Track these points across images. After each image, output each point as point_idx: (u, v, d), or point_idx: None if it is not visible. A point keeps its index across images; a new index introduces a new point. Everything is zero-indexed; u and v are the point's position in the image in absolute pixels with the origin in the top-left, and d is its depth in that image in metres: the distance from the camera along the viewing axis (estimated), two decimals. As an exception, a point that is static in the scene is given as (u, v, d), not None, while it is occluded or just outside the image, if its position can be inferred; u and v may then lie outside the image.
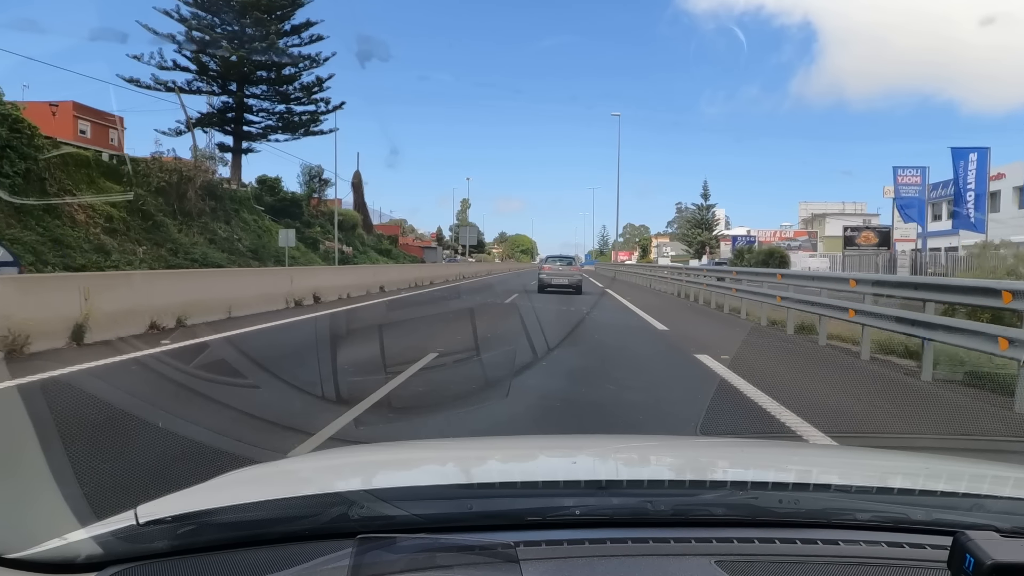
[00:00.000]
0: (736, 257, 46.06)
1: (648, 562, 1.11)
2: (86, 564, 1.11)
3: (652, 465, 1.80)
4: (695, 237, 71.91)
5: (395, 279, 25.28)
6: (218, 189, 31.25)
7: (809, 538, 1.18)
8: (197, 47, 36.86)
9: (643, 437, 3.55)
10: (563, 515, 1.25)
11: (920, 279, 9.57)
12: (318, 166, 50.54)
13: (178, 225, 25.98)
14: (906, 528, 1.23)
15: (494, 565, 1.06)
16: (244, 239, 31.14)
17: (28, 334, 7.63)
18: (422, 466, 1.78)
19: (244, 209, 34.53)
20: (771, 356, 9.13)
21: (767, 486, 1.40)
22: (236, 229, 31.29)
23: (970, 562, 0.89)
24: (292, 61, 40.09)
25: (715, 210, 74.62)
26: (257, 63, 38.55)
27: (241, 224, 32.55)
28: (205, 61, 37.76)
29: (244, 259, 28.50)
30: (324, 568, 1.06)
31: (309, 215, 44.68)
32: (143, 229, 23.26)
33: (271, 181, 42.35)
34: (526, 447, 2.15)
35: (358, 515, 1.18)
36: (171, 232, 24.85)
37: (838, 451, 2.46)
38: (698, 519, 1.26)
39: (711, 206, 73.97)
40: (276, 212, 39.63)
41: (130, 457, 4.01)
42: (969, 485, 1.48)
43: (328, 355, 8.60)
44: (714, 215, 74.17)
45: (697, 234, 71.47)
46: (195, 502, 1.29)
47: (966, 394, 6.75)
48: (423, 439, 3.79)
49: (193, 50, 37.04)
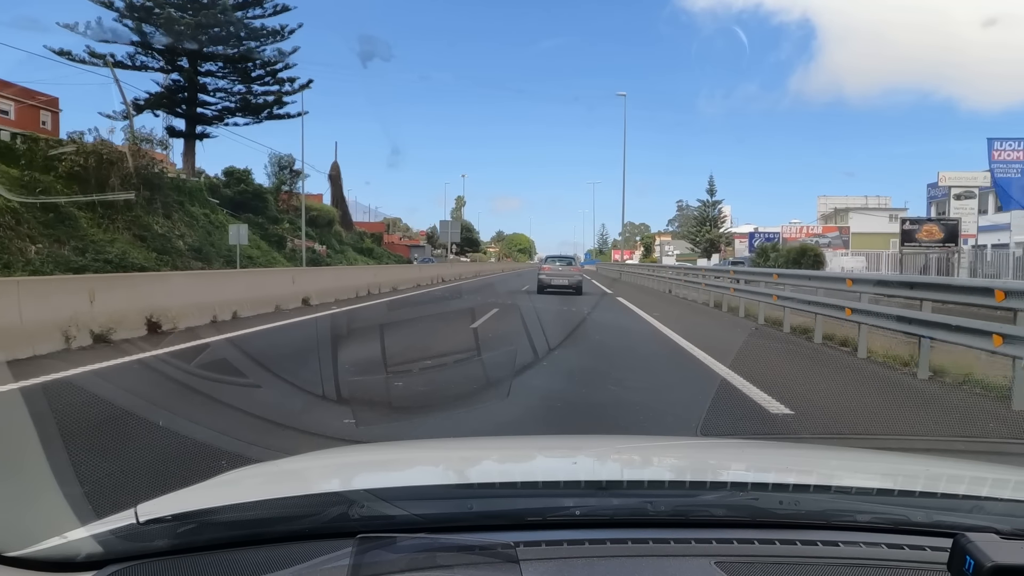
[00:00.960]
0: (759, 256, 40.49)
1: (648, 563, 1.11)
2: (86, 562, 1.11)
3: (652, 466, 1.80)
4: (703, 235, 67.94)
5: (345, 285, 19.26)
6: (157, 178, 26.55)
7: (809, 539, 1.18)
8: (139, 15, 31.78)
9: (643, 438, 3.55)
10: (563, 515, 1.26)
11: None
12: (288, 155, 44.51)
13: (96, 219, 21.64)
14: (906, 530, 1.23)
15: (494, 565, 1.06)
16: (188, 236, 26.94)
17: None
18: (422, 466, 1.78)
19: (195, 202, 30.44)
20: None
21: (767, 487, 1.40)
22: (179, 225, 27.09)
23: (970, 564, 0.89)
24: (252, 34, 35.14)
25: (721, 207, 70.51)
26: (212, 36, 33.70)
27: (186, 219, 28.24)
28: (149, 32, 32.48)
29: (183, 259, 24.45)
30: (324, 568, 1.06)
31: (277, 210, 40.60)
32: (42, 223, 19.04)
33: (240, 173, 38.27)
34: (526, 447, 2.15)
35: (358, 515, 1.18)
36: (81, 227, 20.51)
37: (839, 452, 2.46)
38: (698, 520, 1.26)
39: (717, 202, 69.94)
40: (237, 206, 35.21)
41: (130, 456, 4.01)
42: (969, 487, 1.48)
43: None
44: (720, 212, 70.26)
45: (704, 232, 67.87)
46: (195, 501, 1.30)
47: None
48: (423, 439, 3.79)
49: (136, 18, 31.87)
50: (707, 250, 65.90)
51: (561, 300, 19.34)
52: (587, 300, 20.02)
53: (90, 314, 8.80)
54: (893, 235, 38.41)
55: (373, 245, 54.65)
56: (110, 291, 9.50)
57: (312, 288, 16.61)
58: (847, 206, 57.67)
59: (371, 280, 22.09)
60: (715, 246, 65.56)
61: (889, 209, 56.08)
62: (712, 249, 65.22)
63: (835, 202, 60.21)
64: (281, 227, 38.63)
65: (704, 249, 66.60)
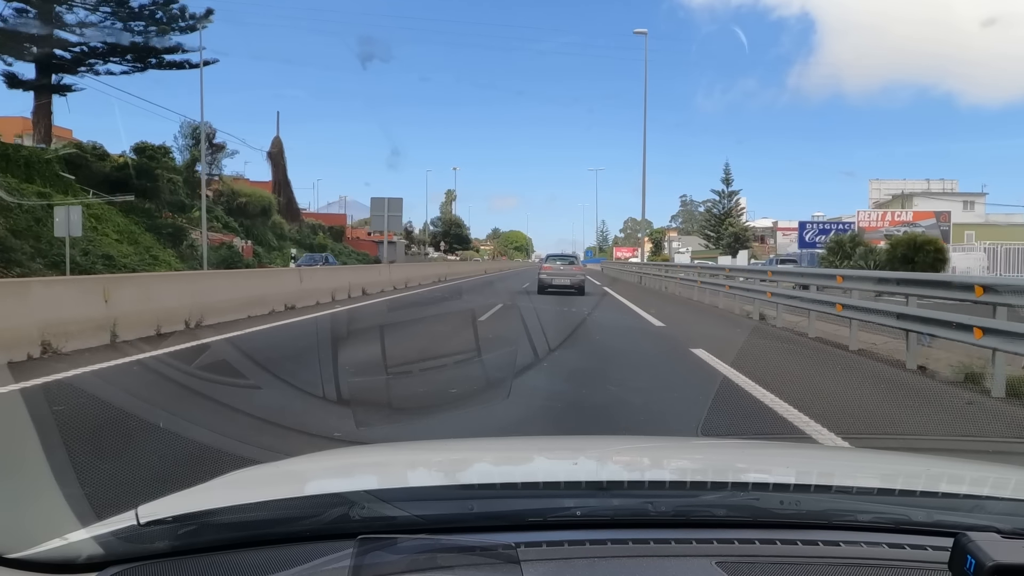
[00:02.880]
0: (832, 254, 29.29)
1: (649, 563, 1.11)
2: (87, 564, 1.11)
3: (653, 466, 1.80)
4: (725, 228, 59.61)
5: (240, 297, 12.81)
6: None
7: (810, 539, 1.18)
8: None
9: (644, 438, 3.55)
10: (564, 516, 1.26)
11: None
12: (207, 124, 34.38)
13: None
14: (907, 529, 1.23)
15: (495, 566, 1.06)
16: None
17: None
18: (423, 467, 1.78)
19: (37, 177, 23.42)
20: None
21: (768, 487, 1.41)
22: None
23: (971, 563, 0.89)
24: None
25: (738, 198, 62.80)
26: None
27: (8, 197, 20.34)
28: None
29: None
30: (325, 569, 1.06)
31: (184, 193, 32.24)
32: None
33: (153, 150, 31.25)
34: (527, 448, 2.15)
35: (359, 515, 1.18)
36: None
37: (839, 452, 2.47)
38: (699, 520, 1.26)
39: (733, 193, 62.18)
40: (116, 186, 26.89)
41: (130, 456, 4.00)
42: (970, 487, 1.49)
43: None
44: (737, 203, 62.66)
45: (726, 225, 59.91)
46: (196, 502, 1.30)
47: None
48: (424, 440, 3.79)
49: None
50: (731, 246, 57.14)
51: (563, 302, 17.25)
52: (613, 319, 14.38)
53: None
54: (989, 225, 31.95)
55: (328, 241, 45.30)
56: None
57: (180, 304, 10.86)
58: (907, 191, 48.51)
59: (282, 291, 14.92)
60: (740, 241, 58.04)
61: (956, 194, 47.60)
62: (737, 245, 57.03)
63: (890, 187, 51.51)
64: (186, 216, 30.66)
65: (728, 245, 57.90)
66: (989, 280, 7.32)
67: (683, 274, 22.37)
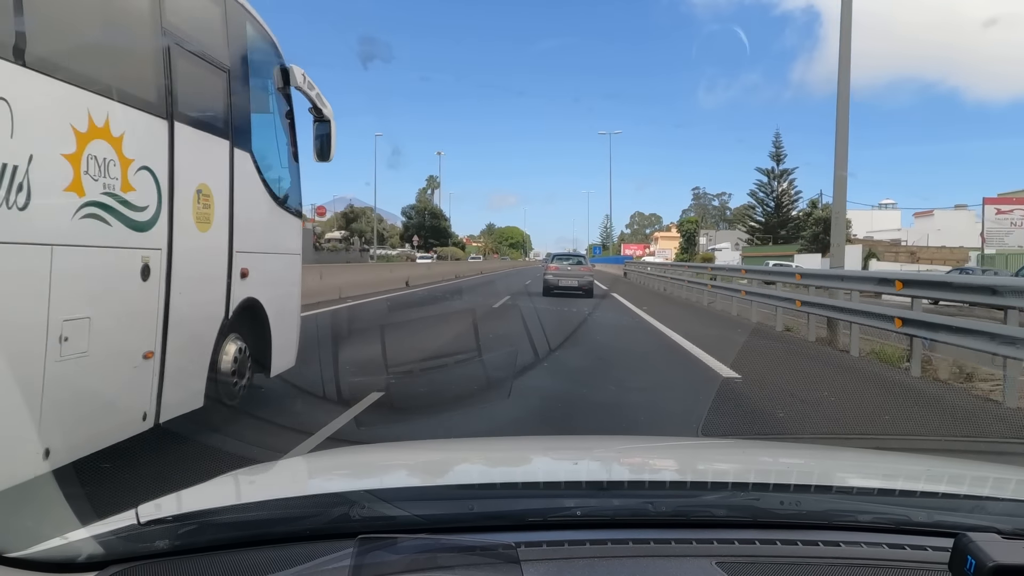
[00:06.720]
0: None
1: (649, 563, 1.11)
2: (87, 563, 1.11)
3: (653, 466, 1.80)
4: (783, 218, 44.65)
5: None
6: None
7: (810, 539, 1.18)
8: None
9: (644, 438, 3.54)
10: (564, 516, 1.26)
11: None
12: None
13: None
14: (907, 530, 1.23)
15: (495, 566, 1.06)
16: None
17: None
18: (423, 467, 1.78)
19: None
20: None
21: (768, 487, 1.40)
22: None
23: (971, 564, 0.89)
24: None
25: (793, 177, 47.51)
26: None
27: None
28: None
29: None
30: (325, 568, 1.06)
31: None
32: None
33: None
34: (527, 448, 2.14)
35: (359, 515, 1.18)
36: None
37: (839, 452, 2.47)
38: (699, 520, 1.26)
39: (786, 172, 46.99)
40: None
41: (130, 456, 4.00)
42: (971, 487, 1.49)
43: None
44: (792, 184, 47.61)
45: (782, 211, 45.20)
46: (196, 502, 1.30)
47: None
48: (424, 439, 3.79)
49: None
50: (812, 243, 39.48)
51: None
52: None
53: None
54: None
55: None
56: None
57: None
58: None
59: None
60: (816, 236, 38.65)
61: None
62: (819, 241, 37.61)
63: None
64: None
65: (810, 240, 40.34)
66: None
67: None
